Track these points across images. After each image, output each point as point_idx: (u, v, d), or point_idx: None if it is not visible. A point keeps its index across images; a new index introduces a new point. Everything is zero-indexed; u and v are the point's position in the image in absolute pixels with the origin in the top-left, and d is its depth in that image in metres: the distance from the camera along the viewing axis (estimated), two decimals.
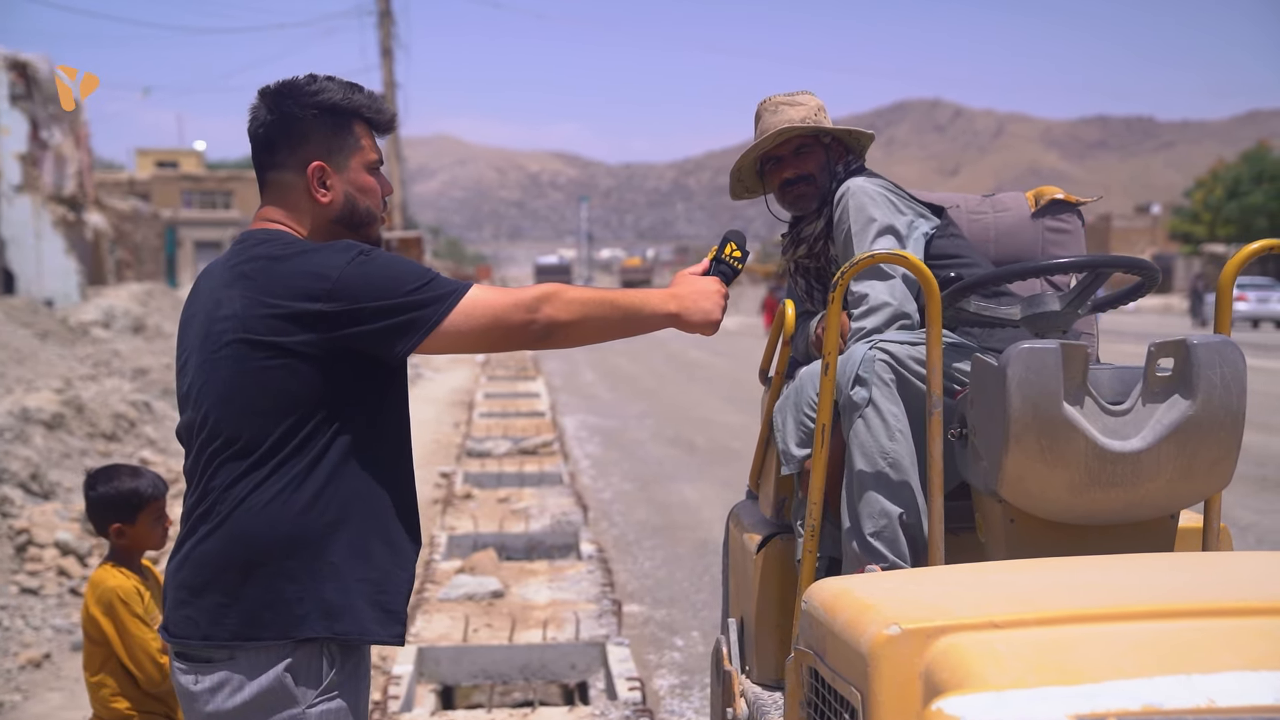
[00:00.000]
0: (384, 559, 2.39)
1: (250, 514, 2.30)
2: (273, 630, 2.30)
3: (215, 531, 2.32)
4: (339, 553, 2.34)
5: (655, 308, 2.52)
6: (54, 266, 25.97)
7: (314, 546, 2.32)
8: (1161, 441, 2.54)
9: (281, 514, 2.31)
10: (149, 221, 37.85)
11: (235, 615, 2.30)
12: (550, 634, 6.26)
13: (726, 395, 19.72)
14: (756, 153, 3.42)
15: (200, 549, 2.34)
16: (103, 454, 10.03)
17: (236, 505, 2.31)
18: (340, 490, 2.34)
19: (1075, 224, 3.52)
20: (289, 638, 2.31)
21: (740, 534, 3.50)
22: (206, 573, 2.33)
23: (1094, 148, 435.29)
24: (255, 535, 2.30)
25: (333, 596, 2.32)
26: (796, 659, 2.38)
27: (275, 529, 2.30)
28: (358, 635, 2.35)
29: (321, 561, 2.32)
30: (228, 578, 2.31)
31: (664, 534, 9.76)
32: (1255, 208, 59.83)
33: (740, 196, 3.59)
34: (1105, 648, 1.86)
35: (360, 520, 2.36)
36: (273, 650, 2.31)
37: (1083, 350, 2.53)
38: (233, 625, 2.31)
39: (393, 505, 2.42)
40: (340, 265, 2.31)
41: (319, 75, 2.50)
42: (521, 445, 12.69)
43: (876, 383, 2.88)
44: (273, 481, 2.31)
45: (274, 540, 2.30)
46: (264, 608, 2.30)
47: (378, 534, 2.39)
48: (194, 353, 2.40)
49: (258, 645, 2.30)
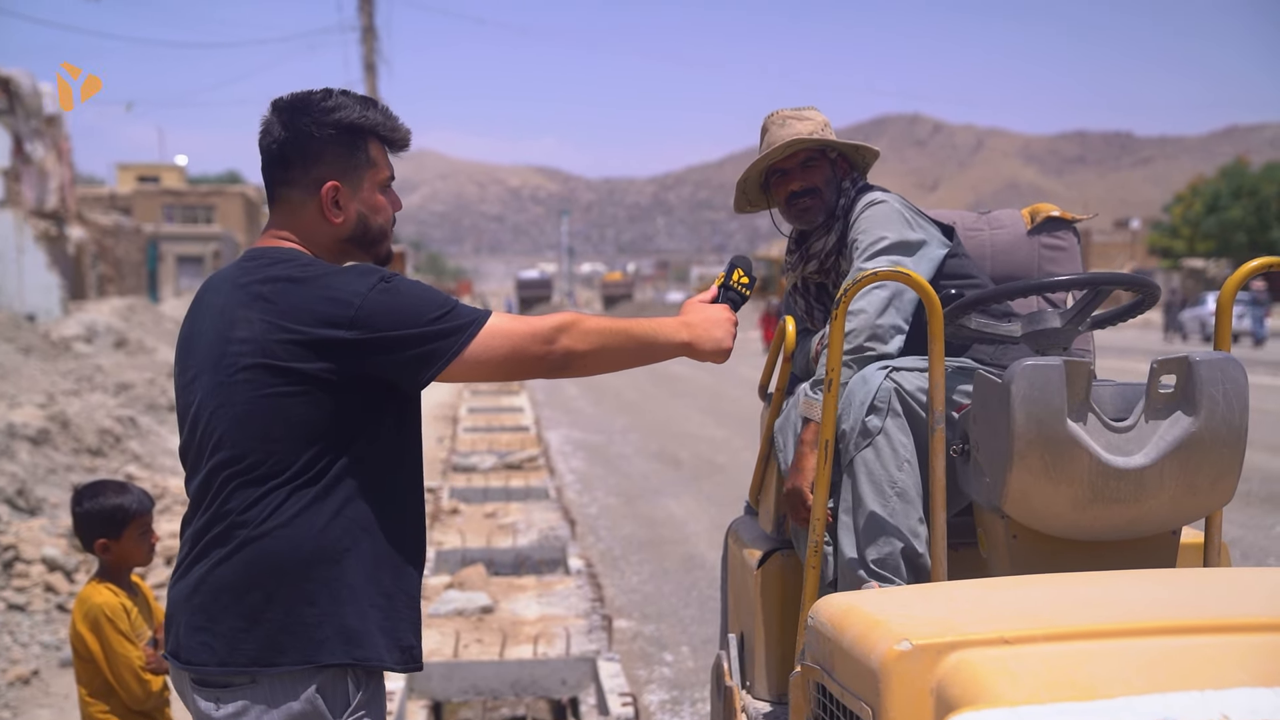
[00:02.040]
0: (398, 584, 2.39)
1: (269, 538, 2.29)
2: (292, 655, 2.28)
3: (232, 556, 2.30)
4: (357, 577, 2.33)
5: (668, 337, 2.54)
6: (36, 281, 25.87)
7: (333, 570, 2.31)
8: (1164, 458, 2.56)
9: (300, 538, 2.29)
10: (131, 236, 37.73)
11: (254, 640, 2.28)
12: (541, 649, 6.25)
13: (709, 410, 19.75)
14: (764, 164, 3.43)
15: (216, 574, 2.31)
16: (89, 469, 9.99)
17: (254, 529, 2.29)
18: (358, 515, 2.34)
19: (1071, 241, 3.55)
20: (310, 663, 2.29)
21: (740, 550, 3.51)
22: (224, 598, 2.30)
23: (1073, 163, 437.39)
24: (274, 559, 2.28)
25: (353, 621, 2.31)
26: (803, 674, 2.38)
27: (295, 553, 2.29)
28: (376, 661, 2.34)
29: (340, 585, 2.31)
30: (246, 602, 2.29)
31: (651, 549, 9.77)
32: (1234, 223, 60.23)
33: (744, 209, 3.61)
34: (1118, 664, 1.87)
35: (377, 545, 2.36)
36: (295, 675, 2.29)
37: (1086, 367, 2.55)
38: (251, 651, 2.28)
39: (408, 530, 2.42)
40: (363, 292, 2.30)
41: (334, 90, 2.48)
42: (507, 460, 12.68)
43: (887, 412, 2.89)
44: (290, 505, 2.29)
45: (294, 564, 2.29)
46: (282, 632, 2.28)
47: (395, 559, 2.38)
48: (204, 372, 2.37)
49: (278, 670, 2.29)
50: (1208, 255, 63.05)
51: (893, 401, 2.90)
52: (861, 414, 2.91)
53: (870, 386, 2.93)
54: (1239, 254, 61.19)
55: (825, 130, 3.40)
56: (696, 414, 19.27)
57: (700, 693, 6.37)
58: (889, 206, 3.24)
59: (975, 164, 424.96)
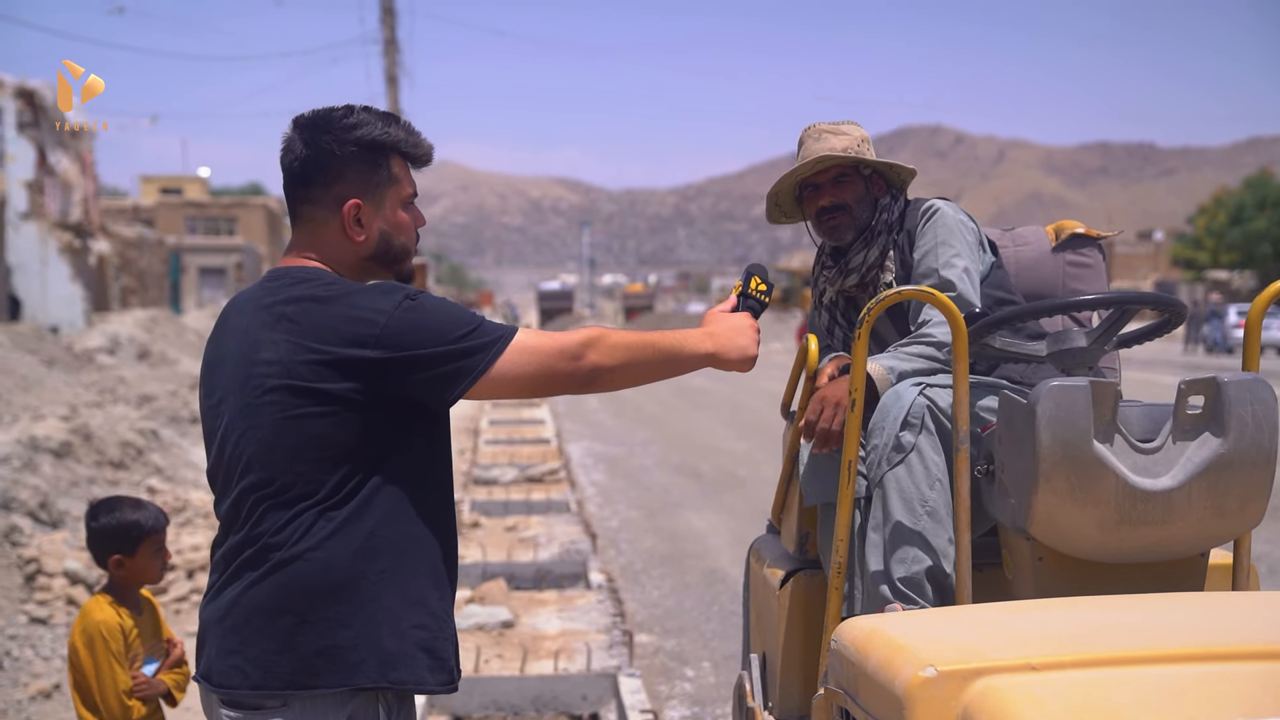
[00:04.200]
0: (436, 604, 2.37)
1: (302, 560, 2.27)
2: (327, 678, 2.27)
3: (264, 578, 2.29)
4: (393, 598, 2.31)
5: (693, 348, 2.52)
6: (59, 293, 26.03)
7: (367, 592, 2.29)
8: (1192, 480, 2.53)
9: (334, 559, 2.28)
10: (153, 248, 37.95)
11: (288, 663, 2.27)
12: (561, 664, 6.24)
13: (730, 422, 19.70)
14: (794, 178, 3.42)
15: (248, 596, 2.30)
16: (111, 482, 10.02)
17: (286, 551, 2.28)
18: (391, 535, 2.32)
19: (1096, 258, 3.51)
20: (345, 686, 2.27)
21: (762, 569, 3.49)
22: (257, 620, 2.28)
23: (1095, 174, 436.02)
24: (307, 582, 2.27)
25: (389, 644, 2.29)
26: (826, 698, 2.36)
27: (329, 574, 2.27)
28: (414, 684, 2.32)
29: (376, 606, 2.29)
30: (279, 625, 2.27)
31: (672, 563, 9.73)
32: (1258, 234, 59.87)
33: (777, 220, 3.58)
34: (1147, 692, 1.85)
35: (412, 565, 2.34)
36: (329, 699, 2.27)
37: (1113, 388, 2.52)
38: (285, 674, 2.27)
39: (441, 549, 2.40)
40: (388, 310, 2.29)
41: (355, 107, 2.47)
42: (528, 473, 12.68)
43: (924, 430, 2.87)
44: (321, 527, 2.28)
45: (328, 586, 2.27)
46: (317, 655, 2.27)
47: (428, 579, 2.36)
48: (231, 394, 2.36)
49: (312, 694, 2.27)
50: (1232, 267, 62.69)
51: (926, 418, 2.87)
52: (895, 429, 2.88)
53: (904, 402, 2.90)
54: (1263, 266, 60.85)
55: (862, 146, 3.36)
56: (718, 426, 19.22)
57: (722, 709, 6.33)
58: (953, 215, 3.22)
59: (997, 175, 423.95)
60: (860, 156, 3.34)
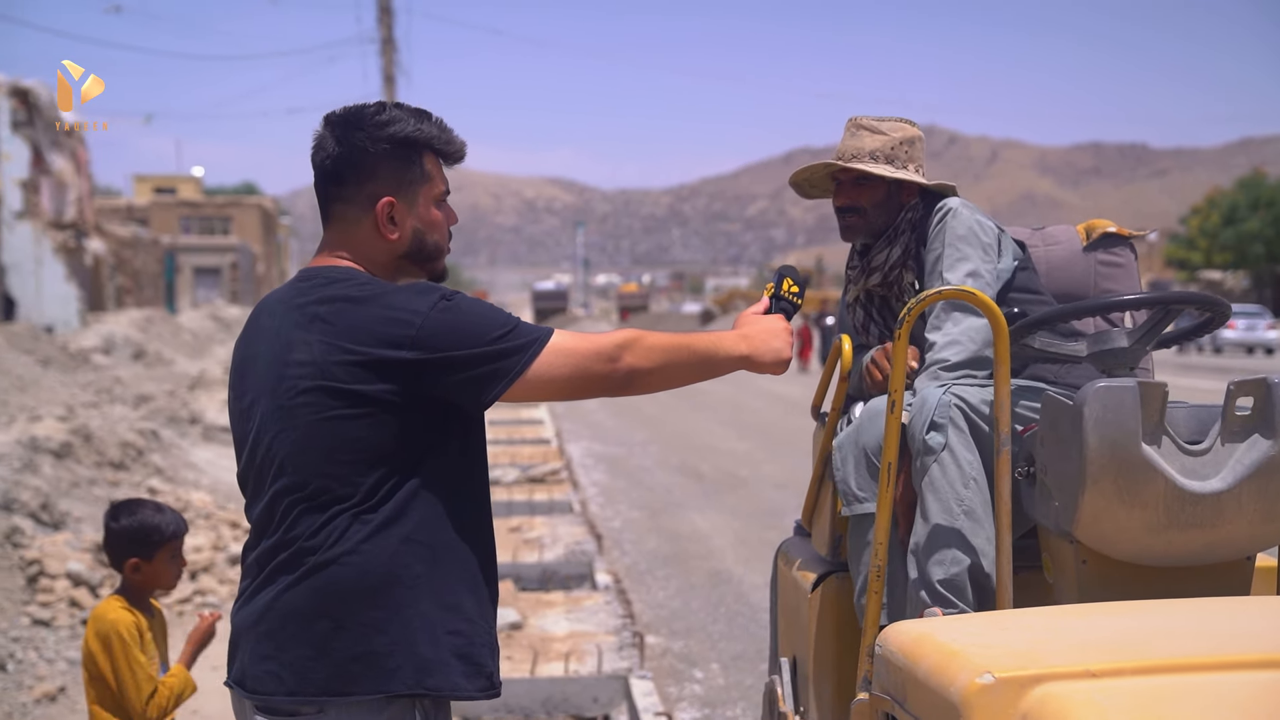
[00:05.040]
0: (472, 610, 2.32)
1: (337, 564, 2.23)
2: (364, 685, 2.23)
3: (300, 583, 2.25)
4: (428, 603, 2.26)
5: (728, 350, 2.48)
6: (54, 293, 25.95)
7: (403, 597, 2.25)
8: (1242, 482, 2.49)
9: (370, 564, 2.23)
10: (148, 248, 37.86)
11: (323, 669, 2.23)
12: (572, 667, 6.20)
13: (729, 422, 19.68)
14: (804, 175, 3.40)
15: (283, 600, 2.26)
16: (111, 483, 9.96)
17: (322, 555, 2.24)
18: (428, 539, 2.27)
19: (1128, 257, 3.47)
20: (382, 693, 2.24)
21: (791, 571, 3.44)
22: (292, 625, 2.25)
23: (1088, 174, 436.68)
24: (343, 586, 2.23)
25: (425, 650, 2.25)
26: (871, 704, 2.32)
27: (364, 579, 2.23)
28: (449, 691, 2.28)
29: (412, 611, 2.25)
30: (315, 630, 2.23)
31: (676, 563, 9.69)
32: (1252, 234, 60.02)
33: (808, 195, 3.53)
34: (1213, 699, 1.81)
35: (449, 570, 2.29)
36: (365, 706, 2.23)
37: (1160, 388, 2.48)
38: (321, 680, 2.23)
39: (478, 554, 2.36)
40: (424, 311, 2.25)
41: (387, 103, 2.44)
42: (530, 473, 12.64)
43: (952, 429, 2.82)
44: (357, 530, 2.24)
45: (364, 591, 2.23)
46: (353, 660, 2.23)
47: (466, 584, 2.32)
48: (263, 396, 2.32)
49: (349, 701, 2.23)
50: (1225, 267, 62.84)
51: (955, 417, 2.83)
52: (923, 433, 2.84)
53: (930, 404, 2.86)
54: (1256, 266, 61.01)
55: (899, 149, 3.28)
56: (717, 426, 19.20)
57: (732, 710, 6.30)
58: (969, 219, 3.16)
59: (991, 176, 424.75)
60: (866, 167, 3.26)
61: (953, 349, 3.00)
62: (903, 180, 3.30)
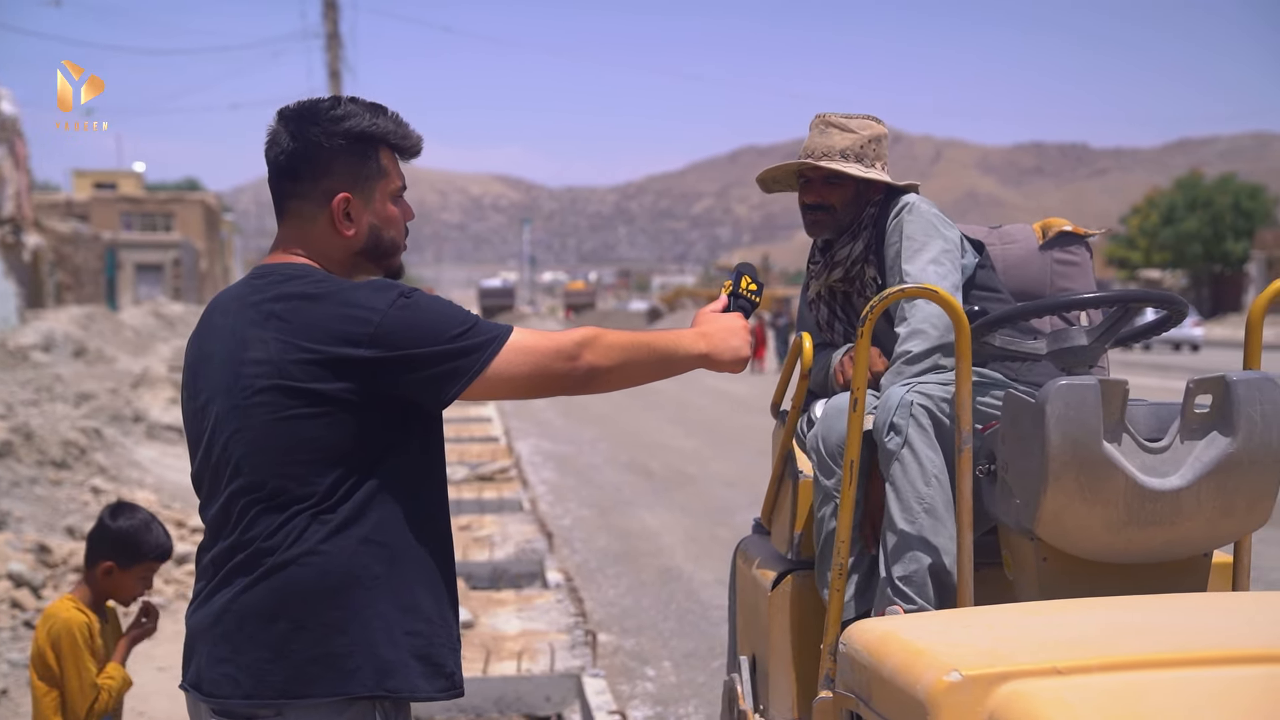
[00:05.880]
0: (431, 610, 2.30)
1: (296, 565, 2.20)
2: (323, 686, 2.20)
3: (258, 584, 2.21)
4: (387, 604, 2.24)
5: (688, 349, 2.46)
6: None
7: (363, 598, 2.22)
8: (1201, 479, 2.51)
9: (329, 565, 2.20)
10: (89, 244, 37.30)
11: (281, 671, 2.19)
12: (524, 665, 6.17)
13: (677, 420, 19.70)
14: (773, 173, 3.41)
15: (241, 601, 2.22)
16: (53, 482, 9.80)
17: (280, 556, 2.20)
18: (387, 539, 2.25)
19: (1084, 256, 3.50)
20: (341, 694, 2.21)
21: (750, 570, 3.43)
22: (250, 626, 2.21)
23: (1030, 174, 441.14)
24: (302, 587, 2.20)
25: (385, 651, 2.22)
26: (835, 702, 2.32)
27: (324, 580, 2.20)
28: (409, 692, 2.25)
29: (371, 612, 2.22)
30: (272, 632, 2.20)
31: (626, 561, 9.68)
32: (1190, 234, 60.98)
33: (772, 190, 3.54)
34: (1180, 696, 1.82)
35: (407, 570, 2.27)
36: (324, 708, 2.20)
37: (1121, 386, 2.50)
38: (279, 682, 2.19)
39: (437, 554, 2.33)
40: (383, 309, 2.22)
41: (342, 98, 2.40)
42: (479, 471, 12.58)
43: (913, 427, 2.83)
44: (315, 531, 2.21)
45: (323, 592, 2.20)
46: (312, 662, 2.19)
47: (425, 584, 2.30)
48: (218, 395, 2.28)
49: (307, 703, 2.20)
50: (1164, 266, 63.79)
51: (917, 415, 2.83)
52: (883, 434, 2.85)
53: (890, 404, 2.87)
54: (1194, 265, 61.99)
55: (866, 147, 3.29)
56: (665, 424, 19.21)
57: (684, 708, 6.29)
58: (927, 212, 3.17)
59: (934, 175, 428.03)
60: (839, 167, 3.26)
61: (915, 340, 3.01)
62: (871, 179, 3.30)
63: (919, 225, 3.14)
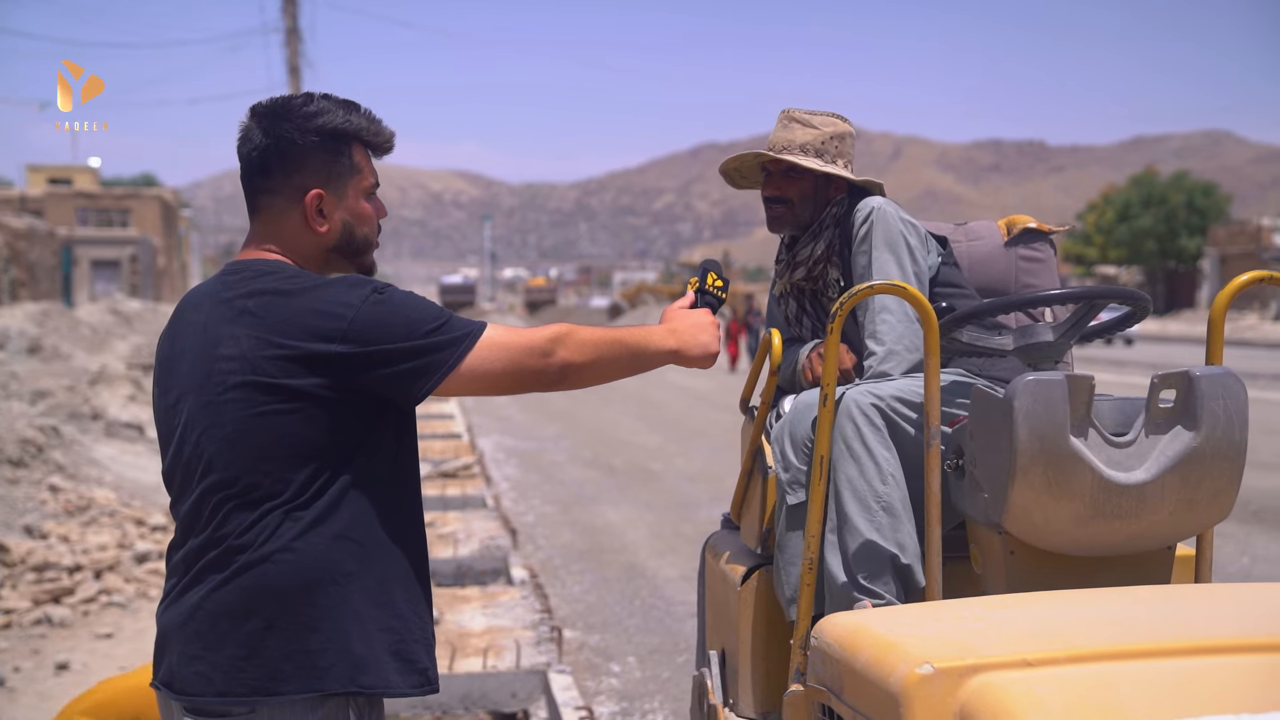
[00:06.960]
0: (405, 606, 2.30)
1: (269, 562, 2.20)
2: (296, 684, 2.19)
3: (230, 581, 2.21)
4: (361, 600, 2.24)
5: (658, 345, 2.48)
6: None
7: (336, 595, 2.22)
8: (1165, 473, 2.55)
9: (302, 562, 2.20)
10: (44, 240, 36.86)
11: (254, 668, 2.19)
12: (490, 662, 6.17)
13: (640, 416, 19.72)
14: (734, 164, 3.45)
15: (213, 599, 2.22)
16: (10, 481, 9.70)
17: (253, 553, 2.20)
18: (361, 536, 2.25)
19: (1048, 253, 3.54)
20: (314, 691, 2.20)
21: (719, 564, 3.45)
22: (222, 624, 2.21)
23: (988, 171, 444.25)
24: (275, 584, 2.19)
25: (358, 648, 2.23)
26: (806, 695, 2.34)
27: (297, 577, 2.20)
28: (383, 689, 2.25)
29: (345, 609, 2.22)
30: (245, 629, 2.20)
31: (590, 557, 9.69)
32: (1145, 230, 61.68)
33: (737, 185, 3.57)
34: (1149, 686, 1.85)
35: (381, 567, 2.27)
36: (298, 705, 2.20)
37: (1088, 381, 2.53)
38: (251, 680, 2.19)
39: (410, 550, 2.34)
40: (356, 304, 2.22)
41: (314, 95, 2.40)
42: (441, 468, 12.54)
43: (867, 427, 2.85)
44: (289, 528, 2.20)
45: (296, 589, 2.20)
46: (285, 659, 2.19)
47: (398, 580, 2.30)
48: (190, 392, 2.27)
49: (280, 700, 2.20)
50: (1119, 263, 64.45)
51: (871, 415, 2.86)
52: (838, 435, 2.88)
53: (845, 404, 2.90)
54: (1149, 262, 62.66)
55: (828, 143, 3.32)
56: (627, 420, 19.23)
57: (650, 703, 6.31)
58: (894, 219, 3.20)
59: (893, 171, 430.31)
60: (795, 159, 3.29)
61: (891, 362, 3.05)
62: (831, 175, 3.33)
63: (889, 238, 3.17)
